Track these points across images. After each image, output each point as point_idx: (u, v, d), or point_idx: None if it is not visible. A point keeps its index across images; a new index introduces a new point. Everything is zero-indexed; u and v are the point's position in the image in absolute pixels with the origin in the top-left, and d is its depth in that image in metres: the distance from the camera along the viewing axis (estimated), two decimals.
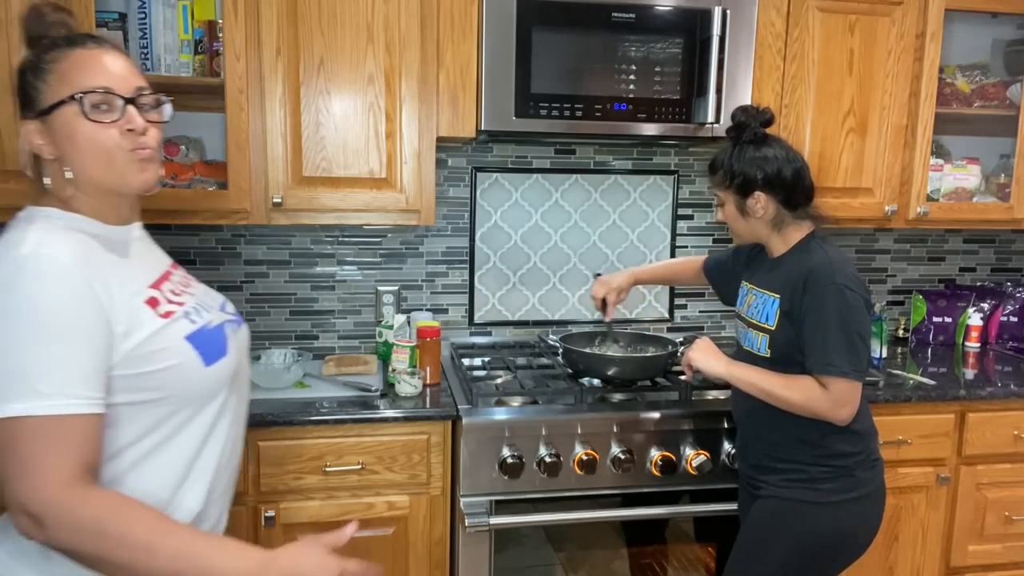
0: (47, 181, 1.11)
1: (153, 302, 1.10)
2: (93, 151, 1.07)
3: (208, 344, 1.13)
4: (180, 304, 1.14)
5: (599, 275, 2.18)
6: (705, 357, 1.74)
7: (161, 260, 1.24)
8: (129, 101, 1.08)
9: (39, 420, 0.96)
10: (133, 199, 1.16)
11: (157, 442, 1.09)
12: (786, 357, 1.66)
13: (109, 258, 1.07)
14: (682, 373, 1.93)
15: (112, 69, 1.08)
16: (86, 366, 0.99)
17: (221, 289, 2.38)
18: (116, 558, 0.96)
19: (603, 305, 2.11)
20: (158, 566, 0.97)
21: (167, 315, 1.10)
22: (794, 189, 1.67)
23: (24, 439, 0.95)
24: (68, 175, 1.08)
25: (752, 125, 1.69)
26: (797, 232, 1.71)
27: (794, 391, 1.60)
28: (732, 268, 1.93)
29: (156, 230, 2.35)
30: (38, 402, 0.96)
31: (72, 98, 1.05)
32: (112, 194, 1.11)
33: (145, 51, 2.09)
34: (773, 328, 1.68)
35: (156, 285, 1.13)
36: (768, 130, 1.72)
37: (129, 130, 1.08)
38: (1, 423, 0.96)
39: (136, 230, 1.20)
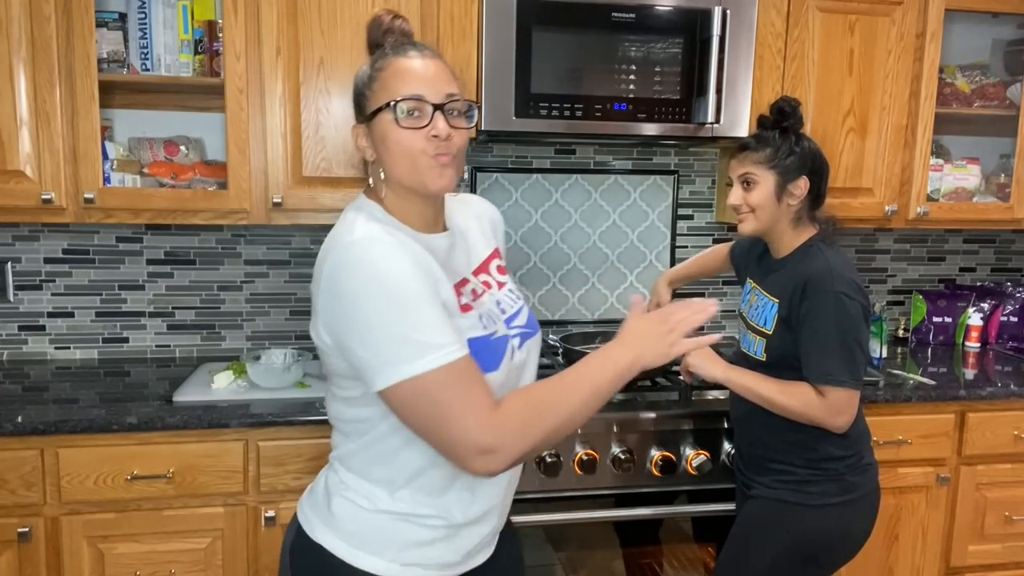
0: (371, 181, 1.20)
1: (457, 293, 1.17)
2: (401, 154, 1.13)
3: (484, 354, 1.15)
4: (473, 309, 1.20)
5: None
6: (703, 361, 1.74)
7: (463, 268, 1.26)
8: (438, 108, 1.13)
9: (446, 368, 1.03)
10: (436, 204, 1.22)
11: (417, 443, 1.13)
12: (782, 362, 1.65)
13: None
14: (681, 373, 1.93)
15: (426, 76, 1.14)
16: (446, 320, 1.07)
17: (221, 289, 2.41)
18: (557, 422, 1.06)
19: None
20: (580, 405, 1.07)
21: (465, 308, 1.17)
22: (823, 187, 1.71)
23: (442, 388, 1.03)
24: (382, 175, 1.17)
25: (794, 119, 1.70)
26: (805, 233, 1.71)
27: (791, 398, 1.60)
28: (748, 259, 1.91)
29: (156, 230, 2.38)
30: (437, 353, 1.03)
31: (388, 105, 1.12)
32: (414, 195, 1.17)
33: (145, 51, 2.09)
34: (770, 333, 1.68)
35: (457, 288, 1.19)
36: None
37: (434, 136, 1.13)
38: (414, 383, 1.03)
39: (444, 239, 1.23)
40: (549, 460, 1.87)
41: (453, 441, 1.04)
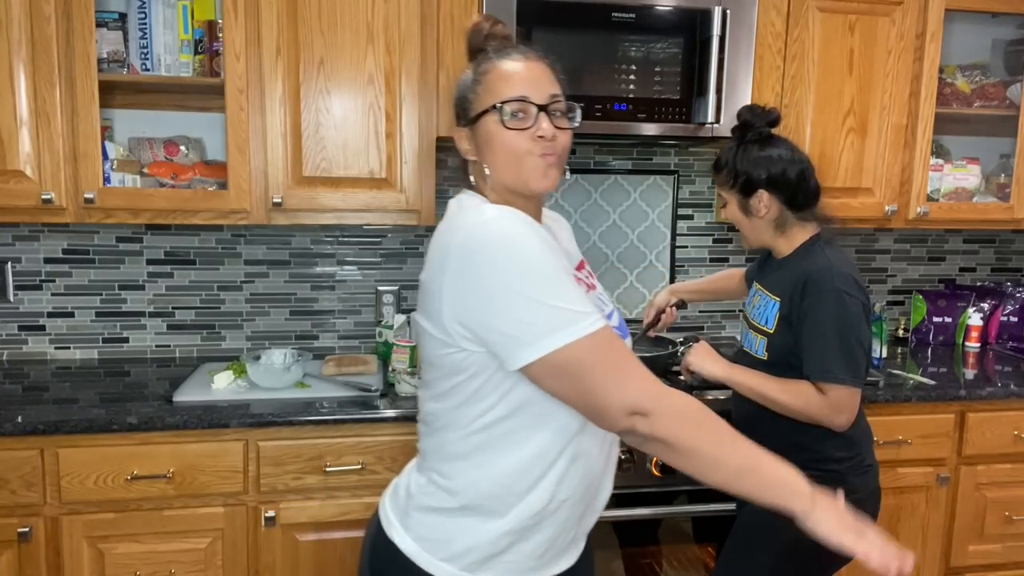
0: (472, 179, 1.23)
1: None
2: (506, 155, 1.15)
3: None
4: None
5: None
6: (703, 360, 1.74)
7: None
8: (542, 108, 1.15)
9: (596, 336, 1.04)
10: (537, 206, 1.24)
11: (523, 424, 1.13)
12: (783, 361, 1.65)
13: None
14: (682, 373, 1.93)
15: (530, 78, 1.16)
16: (583, 291, 1.09)
17: (221, 289, 2.41)
18: (707, 448, 1.05)
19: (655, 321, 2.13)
20: (735, 462, 1.05)
21: None
22: (798, 189, 1.67)
23: (596, 354, 1.04)
24: (487, 171, 1.18)
25: (757, 124, 1.69)
26: (802, 233, 1.70)
27: (792, 396, 1.60)
28: (755, 271, 1.93)
29: (156, 230, 2.38)
30: (585, 321, 1.03)
31: (494, 107, 1.15)
32: (517, 196, 1.19)
33: (145, 51, 2.09)
34: (771, 332, 1.68)
35: None
36: (772, 130, 1.72)
37: (540, 136, 1.14)
38: (568, 351, 1.03)
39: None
40: None
41: (607, 403, 1.04)
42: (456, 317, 1.08)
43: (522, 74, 1.16)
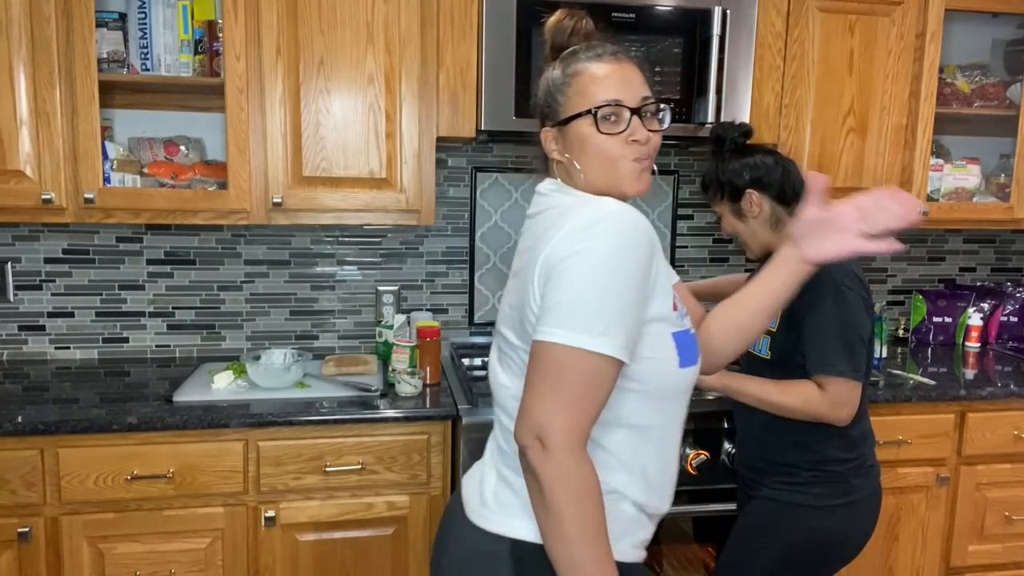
0: (558, 179, 1.21)
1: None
2: (600, 159, 1.14)
3: (687, 347, 1.14)
4: (678, 308, 1.16)
5: None
6: None
7: None
8: (634, 112, 1.14)
9: (601, 361, 1.02)
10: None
11: (622, 426, 1.12)
12: (786, 360, 1.65)
13: None
14: None
15: (622, 81, 1.14)
16: (633, 320, 1.05)
17: (221, 289, 2.40)
18: (567, 520, 1.01)
19: None
20: (580, 553, 1.01)
21: (674, 306, 1.15)
22: (784, 184, 1.70)
23: (575, 372, 1.02)
24: (577, 166, 1.16)
25: (731, 136, 1.74)
26: None
27: (791, 396, 1.60)
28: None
29: (156, 230, 2.38)
30: (612, 344, 1.02)
31: (588, 111, 1.13)
32: (608, 196, 1.16)
33: (145, 51, 2.09)
34: (774, 330, 1.68)
35: None
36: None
37: (634, 140, 1.14)
38: (576, 354, 1.01)
39: None
40: None
41: (531, 412, 1.02)
42: (544, 267, 1.07)
43: (614, 77, 1.14)
